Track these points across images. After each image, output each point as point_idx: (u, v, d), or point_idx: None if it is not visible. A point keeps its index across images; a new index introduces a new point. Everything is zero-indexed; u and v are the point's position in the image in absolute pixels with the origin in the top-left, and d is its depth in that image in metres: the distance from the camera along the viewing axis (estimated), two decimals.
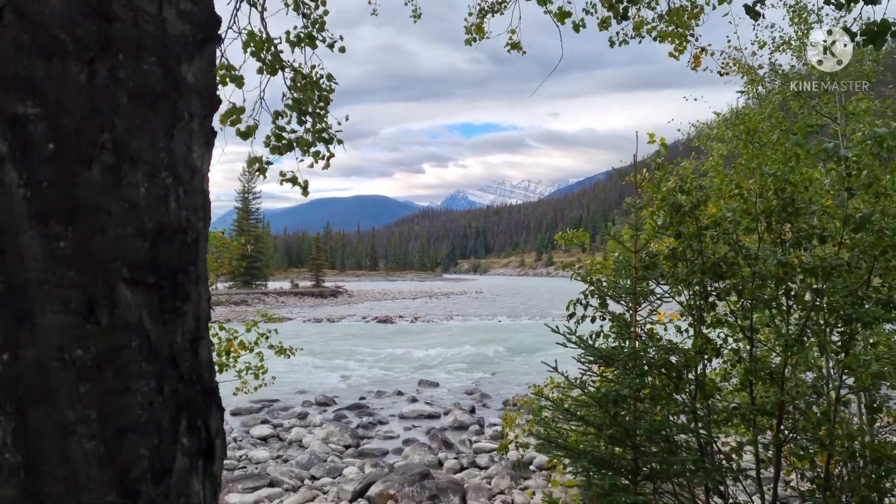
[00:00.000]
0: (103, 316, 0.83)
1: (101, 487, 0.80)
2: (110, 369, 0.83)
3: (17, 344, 0.77)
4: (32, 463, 0.76)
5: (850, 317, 4.84)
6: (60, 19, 0.86)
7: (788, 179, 4.78)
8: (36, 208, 0.80)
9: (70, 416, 0.79)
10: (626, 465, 4.88)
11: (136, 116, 0.93)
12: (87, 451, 0.80)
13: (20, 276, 0.78)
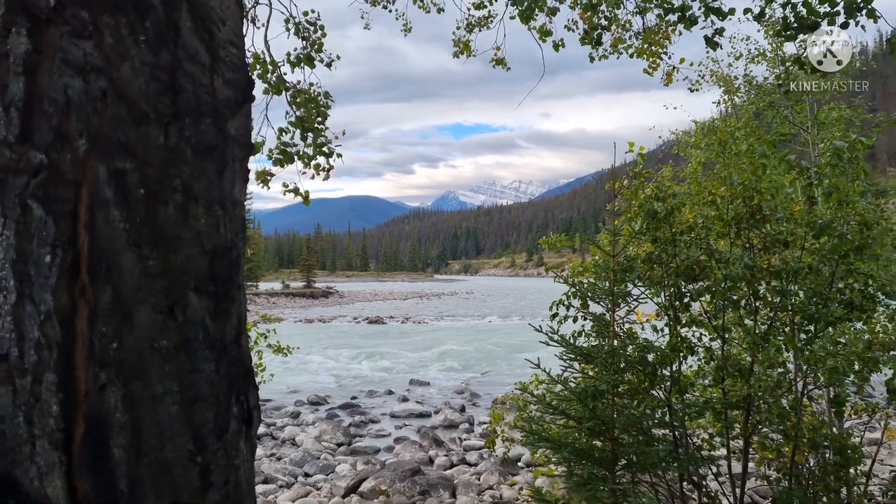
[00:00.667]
0: (179, 315, 1.14)
1: (181, 439, 1.11)
2: (184, 355, 1.14)
3: (122, 336, 1.07)
4: (135, 421, 1.06)
5: (813, 316, 5.18)
6: (145, 96, 1.16)
7: (756, 188, 5.11)
8: (132, 237, 1.10)
9: (159, 389, 1.09)
10: (605, 456, 5.19)
11: (197, 165, 1.23)
12: (171, 413, 1.10)
13: (122, 286, 1.08)
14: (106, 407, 1.04)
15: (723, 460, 5.62)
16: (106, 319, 1.06)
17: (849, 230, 5.11)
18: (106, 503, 1.02)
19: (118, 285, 1.08)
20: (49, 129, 1.08)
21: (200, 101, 1.26)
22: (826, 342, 5.81)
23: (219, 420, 1.18)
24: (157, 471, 1.07)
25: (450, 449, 14.44)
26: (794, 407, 5.48)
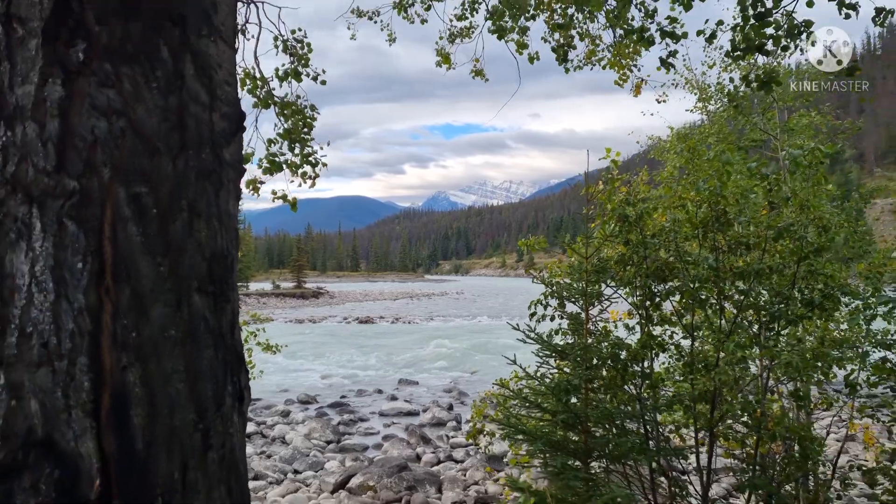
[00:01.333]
0: (185, 310, 1.40)
1: (186, 410, 1.37)
2: (189, 342, 1.40)
3: (139, 326, 1.33)
4: (150, 395, 1.32)
5: (775, 315, 5.48)
6: (157, 133, 1.43)
7: (721, 193, 5.41)
8: (147, 247, 1.37)
9: (169, 369, 1.36)
10: (578, 447, 5.47)
11: (199, 187, 1.50)
12: (178, 389, 1.36)
13: (139, 287, 1.35)
14: (127, 383, 1.30)
15: (692, 452, 5.91)
16: (126, 313, 1.32)
17: (807, 234, 5.42)
18: (127, 459, 1.28)
19: (136, 286, 1.34)
20: (80, 161, 1.35)
21: (202, 135, 1.53)
22: (790, 339, 6.13)
23: (216, 395, 1.45)
24: (168, 434, 1.34)
25: (437, 446, 14.71)
26: (759, 400, 5.78)
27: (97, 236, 1.33)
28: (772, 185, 5.28)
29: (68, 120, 1.36)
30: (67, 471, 1.26)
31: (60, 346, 1.29)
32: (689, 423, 5.78)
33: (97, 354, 1.29)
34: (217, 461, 1.44)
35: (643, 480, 5.90)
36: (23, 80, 1.40)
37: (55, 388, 1.28)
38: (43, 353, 1.29)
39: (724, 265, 5.48)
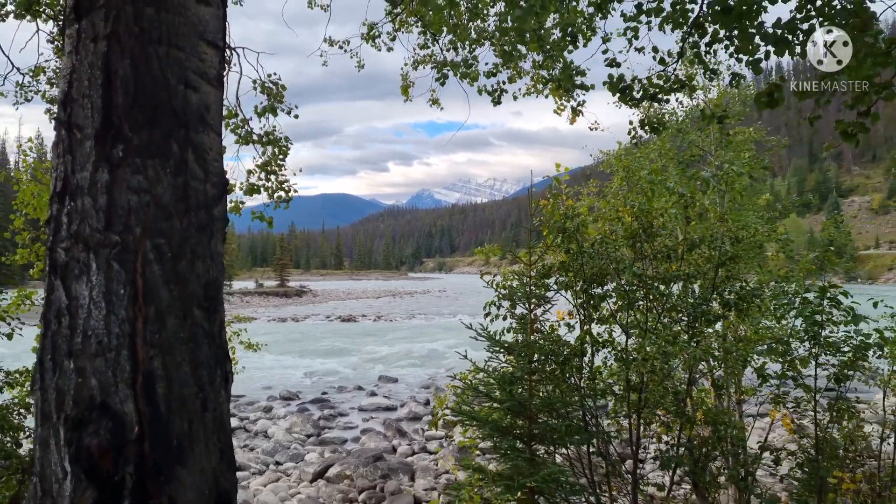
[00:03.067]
0: (189, 320, 2.14)
1: (191, 385, 2.11)
2: (192, 341, 2.14)
3: (160, 331, 2.07)
4: (168, 375, 2.06)
5: (694, 314, 6.28)
6: (171, 202, 2.16)
7: (646, 209, 6.19)
8: (164, 279, 2.10)
9: (179, 359, 2.09)
10: (523, 432, 6.23)
11: (198, 237, 2.23)
12: (186, 371, 2.10)
13: (159, 305, 2.08)
14: (153, 367, 2.03)
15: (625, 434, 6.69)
16: (152, 323, 2.06)
17: (721, 245, 6.22)
18: (154, 415, 2.01)
19: (157, 305, 2.08)
20: (120, 223, 2.08)
21: (199, 201, 2.26)
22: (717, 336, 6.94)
23: (210, 376, 2.19)
24: (179, 400, 2.07)
25: (412, 439, 15.46)
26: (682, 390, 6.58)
27: (132, 273, 2.06)
28: (687, 202, 6.08)
29: (112, 196, 2.09)
30: (116, 422, 1.99)
31: (110, 344, 2.02)
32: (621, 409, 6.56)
33: (134, 349, 2.03)
34: (211, 419, 2.18)
35: (583, 461, 6.68)
36: (81, 169, 2.13)
37: (107, 370, 2.01)
38: (98, 348, 2.02)
39: (647, 272, 6.26)
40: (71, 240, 2.10)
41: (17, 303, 5.74)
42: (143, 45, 2.22)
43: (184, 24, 2.33)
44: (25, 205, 6.49)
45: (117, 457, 1.98)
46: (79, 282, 2.07)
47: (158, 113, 2.20)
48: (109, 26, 2.20)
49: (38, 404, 2.10)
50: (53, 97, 6.86)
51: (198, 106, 2.33)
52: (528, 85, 6.64)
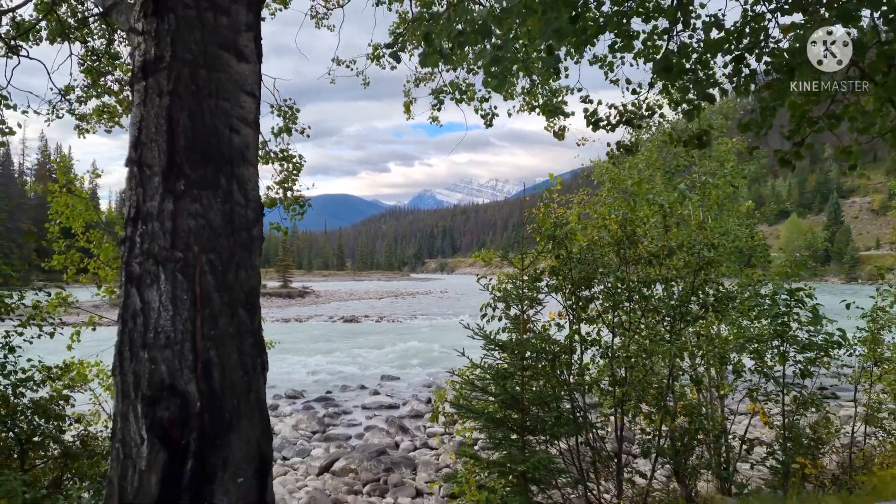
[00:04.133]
0: (236, 319, 2.69)
1: (238, 370, 2.65)
2: (238, 336, 2.69)
3: (214, 328, 2.62)
4: (221, 362, 2.61)
5: (673, 315, 6.82)
6: (220, 225, 2.71)
7: (629, 218, 6.74)
8: (216, 287, 2.66)
9: (229, 349, 2.64)
10: (516, 423, 6.78)
11: (241, 253, 2.78)
12: (234, 359, 2.65)
13: (213, 308, 2.64)
14: (210, 357, 2.58)
15: (608, 424, 7.23)
16: (208, 322, 2.61)
17: (700, 251, 6.76)
18: (211, 394, 2.56)
19: (211, 308, 2.63)
20: (182, 243, 2.63)
21: (241, 223, 2.81)
22: (693, 336, 7.48)
23: (253, 364, 2.74)
24: (230, 382, 2.62)
25: (414, 435, 15.99)
26: (665, 385, 7.12)
27: (192, 282, 2.61)
28: (666, 212, 6.62)
29: (176, 221, 2.64)
30: (182, 400, 2.54)
31: (176, 338, 2.57)
32: (607, 403, 7.10)
33: (194, 342, 2.57)
34: (254, 399, 2.73)
35: (572, 451, 7.22)
36: (150, 199, 2.68)
37: (174, 359, 2.56)
38: (167, 341, 2.57)
39: (631, 276, 6.81)
40: (143, 256, 2.65)
41: (55, 304, 6.29)
42: (198, 99, 2.77)
43: (229, 80, 2.88)
44: (59, 214, 7.06)
45: (183, 427, 2.54)
46: (150, 289, 2.62)
47: (210, 153, 2.75)
48: (171, 84, 2.75)
49: (119, 386, 2.65)
50: (83, 114, 7.40)
51: (239, 146, 2.88)
52: (521, 104, 7.18)
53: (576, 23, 3.15)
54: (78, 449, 5.52)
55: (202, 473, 2.55)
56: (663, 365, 7.16)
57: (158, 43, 2.80)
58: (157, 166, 2.69)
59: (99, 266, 7.15)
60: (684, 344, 6.74)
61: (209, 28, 2.85)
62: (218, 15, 2.89)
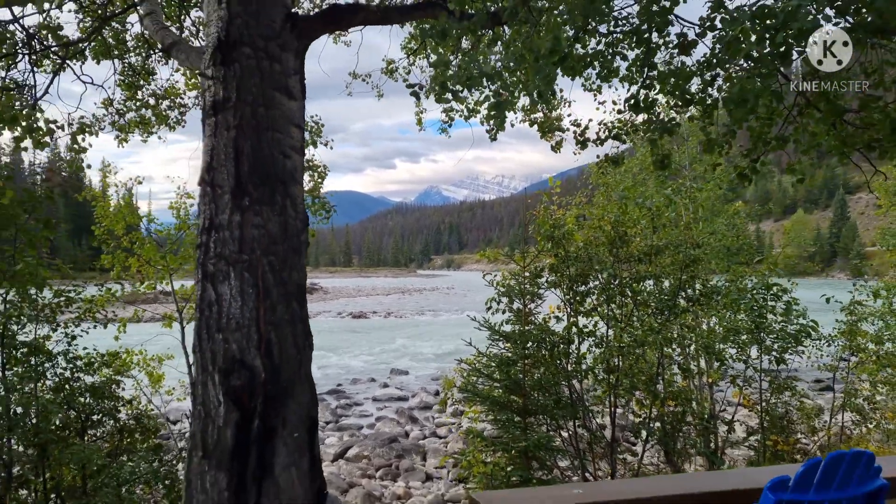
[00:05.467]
0: (290, 309, 3.38)
1: (291, 348, 3.34)
2: (292, 322, 3.38)
3: (273, 314, 3.31)
4: (280, 342, 3.30)
5: (661, 308, 7.48)
6: (277, 234, 3.41)
7: (621, 220, 7.40)
8: (275, 283, 3.35)
9: (285, 333, 3.33)
10: (518, 406, 7.46)
11: (293, 256, 3.48)
12: (288, 341, 3.34)
13: (272, 299, 3.33)
14: (270, 338, 3.27)
15: (605, 409, 7.90)
16: (269, 311, 3.30)
17: (686, 249, 7.42)
18: (272, 368, 3.25)
19: (272, 299, 3.32)
20: (248, 248, 3.32)
21: (293, 231, 3.50)
22: (682, 328, 8.14)
23: (303, 344, 3.43)
24: (287, 358, 3.31)
25: (423, 425, 16.68)
26: (656, 372, 7.79)
27: (256, 279, 3.30)
28: (654, 214, 7.29)
29: (243, 231, 3.33)
30: (250, 372, 3.22)
31: (243, 323, 3.26)
32: (601, 388, 7.77)
33: (258, 326, 3.26)
34: (304, 372, 3.42)
35: (569, 433, 7.89)
36: (221, 213, 3.36)
37: (243, 339, 3.25)
38: (237, 326, 3.26)
39: (623, 272, 7.47)
40: (216, 258, 3.34)
41: (106, 298, 6.97)
42: (258, 132, 3.46)
43: (281, 116, 3.57)
44: (105, 217, 7.75)
45: (251, 393, 3.23)
46: (222, 284, 3.31)
47: (268, 175, 3.44)
48: (236, 120, 3.44)
49: (198, 361, 3.34)
50: (122, 125, 8.09)
51: (290, 169, 3.57)
52: (523, 116, 7.82)
53: (564, 63, 3.81)
54: (132, 426, 6.23)
55: (266, 430, 3.25)
56: (654, 354, 7.82)
57: (226, 86, 3.49)
58: (227, 186, 3.38)
59: (141, 264, 7.86)
60: (667, 334, 7.40)
61: (266, 74, 3.54)
62: (273, 63, 3.58)
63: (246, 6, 3.58)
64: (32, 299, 5.69)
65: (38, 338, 5.84)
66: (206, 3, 3.72)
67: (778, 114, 4.28)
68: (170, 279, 7.92)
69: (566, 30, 3.78)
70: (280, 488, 3.25)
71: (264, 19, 3.60)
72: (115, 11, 6.53)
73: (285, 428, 3.30)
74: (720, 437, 8.52)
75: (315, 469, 3.45)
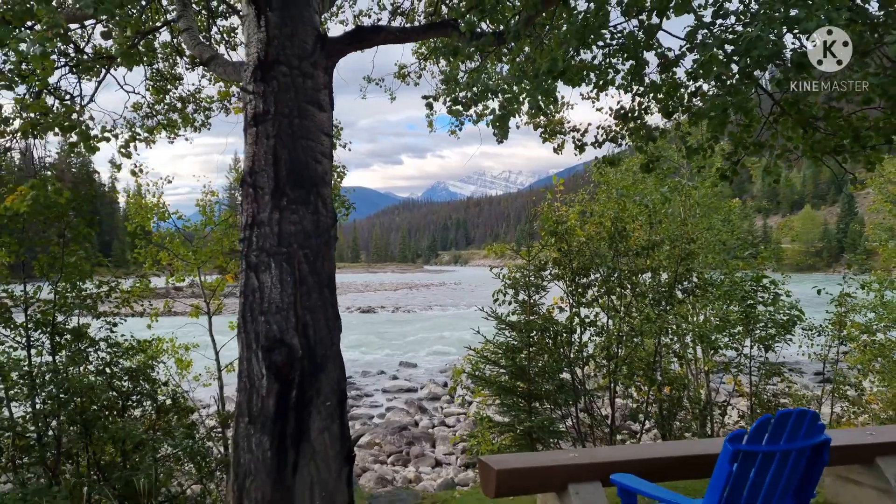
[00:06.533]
0: (322, 294, 3.89)
1: (324, 328, 3.85)
2: (324, 307, 3.89)
3: (308, 299, 3.82)
4: (315, 324, 3.81)
5: (658, 299, 7.96)
6: (310, 229, 3.91)
7: (619, 217, 7.88)
8: (310, 272, 3.86)
9: (318, 316, 3.84)
10: (523, 391, 7.95)
11: (325, 249, 3.99)
12: (322, 323, 3.85)
13: (307, 286, 3.84)
14: (307, 320, 3.78)
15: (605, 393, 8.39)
16: (304, 296, 3.81)
17: (680, 244, 7.89)
18: (308, 346, 3.75)
19: (307, 286, 3.82)
20: (286, 241, 3.83)
21: (323, 227, 4.00)
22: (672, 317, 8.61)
23: (333, 326, 3.93)
24: (320, 338, 3.82)
25: (432, 415, 17.21)
26: (654, 360, 8.27)
27: (293, 268, 3.80)
28: (651, 211, 7.76)
29: (281, 227, 3.83)
30: (289, 349, 3.73)
31: (283, 307, 3.76)
32: (601, 374, 8.26)
33: (296, 310, 3.77)
34: (334, 351, 3.92)
35: (571, 416, 8.38)
36: (262, 211, 3.87)
37: (282, 321, 3.76)
38: (277, 309, 3.76)
39: (622, 266, 7.95)
40: (259, 250, 3.84)
41: (141, 289, 7.49)
42: (293, 140, 3.96)
43: (313, 126, 4.06)
44: (136, 215, 8.28)
45: (290, 367, 3.73)
46: (264, 273, 3.81)
47: (303, 179, 3.94)
48: (275, 130, 3.94)
49: (243, 340, 3.84)
50: (150, 126, 8.59)
51: (321, 173, 4.07)
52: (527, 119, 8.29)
53: (563, 76, 4.28)
54: (168, 405, 6.76)
55: (303, 399, 3.75)
56: (652, 343, 8.30)
57: (265, 100, 3.99)
58: (268, 188, 3.88)
59: (171, 258, 8.38)
60: (664, 322, 7.87)
61: (300, 89, 4.04)
62: (305, 79, 4.07)
63: (282, 29, 4.07)
64: (80, 289, 6.22)
65: (81, 325, 6.37)
66: (246, 26, 4.22)
67: (756, 121, 4.76)
68: (198, 272, 8.45)
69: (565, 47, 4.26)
70: (315, 450, 3.76)
71: (298, 41, 4.10)
72: (155, 26, 7.03)
73: (319, 398, 3.81)
74: (715, 422, 8.99)
75: (344, 434, 3.96)
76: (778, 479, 2.97)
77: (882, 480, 4.32)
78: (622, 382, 8.11)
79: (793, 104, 4.42)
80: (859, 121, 4.27)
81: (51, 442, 6.12)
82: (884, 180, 12.27)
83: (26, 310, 6.21)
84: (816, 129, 4.54)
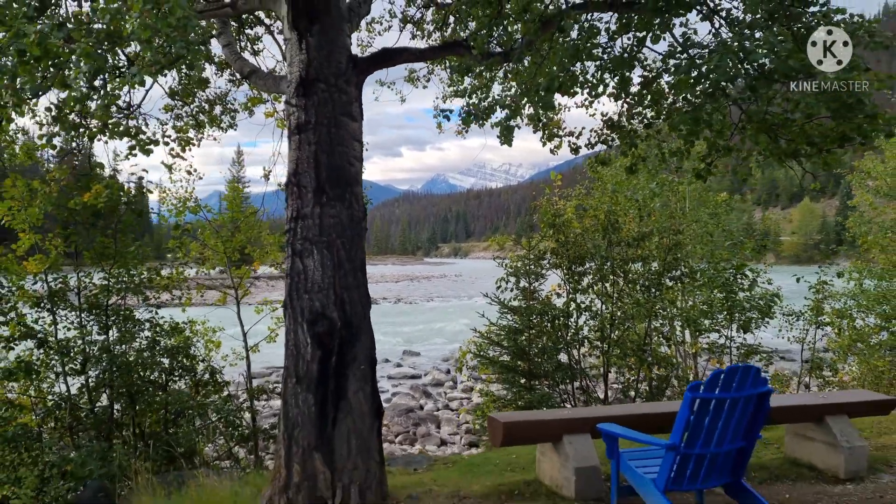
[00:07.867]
0: (356, 276, 4.63)
1: (359, 306, 4.59)
2: (358, 287, 4.64)
3: (345, 281, 4.56)
4: (351, 302, 4.55)
5: (648, 287, 8.70)
6: (346, 221, 4.66)
7: (612, 210, 8.60)
8: (347, 258, 4.60)
9: (354, 294, 4.58)
10: (524, 370, 8.70)
11: (358, 239, 4.73)
12: (357, 301, 4.59)
13: (345, 270, 4.58)
14: (344, 297, 4.52)
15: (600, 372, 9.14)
16: (342, 278, 4.55)
17: (669, 235, 8.62)
18: (346, 319, 4.49)
19: (344, 269, 4.57)
20: (327, 232, 4.58)
21: (356, 220, 4.75)
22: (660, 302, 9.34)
23: (366, 303, 4.67)
24: (355, 311, 4.56)
25: (437, 399, 17.97)
26: (645, 342, 9.01)
27: (333, 255, 4.55)
28: (640, 205, 8.50)
29: (322, 220, 4.58)
30: (330, 322, 4.47)
31: (324, 287, 4.51)
32: (595, 354, 9.01)
33: (335, 289, 4.51)
34: (366, 324, 4.66)
35: (569, 394, 9.13)
36: (305, 206, 4.61)
37: (324, 298, 4.50)
38: (319, 289, 4.51)
39: (615, 255, 8.69)
40: (303, 239, 4.57)
41: (176, 277, 8.20)
42: (331, 146, 4.68)
43: (347, 134, 4.79)
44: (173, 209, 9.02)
45: (331, 337, 4.47)
46: (307, 259, 4.55)
47: (339, 179, 4.67)
48: (315, 138, 4.67)
49: (290, 314, 4.58)
50: (179, 126, 9.28)
51: (354, 174, 4.80)
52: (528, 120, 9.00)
53: (560, 89, 5.00)
54: (206, 379, 7.52)
55: (341, 364, 4.49)
56: (643, 326, 9.04)
57: (307, 112, 4.71)
58: (310, 187, 4.61)
59: (203, 248, 9.09)
60: (653, 307, 8.61)
61: (336, 102, 4.76)
62: (340, 94, 4.80)
63: (320, 52, 4.79)
64: (132, 275, 6.96)
65: (129, 308, 7.11)
66: (289, 49, 4.94)
67: (727, 127, 5.49)
68: (228, 262, 9.18)
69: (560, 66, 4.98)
70: (352, 406, 4.50)
71: (334, 61, 4.82)
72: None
73: (354, 363, 4.55)
74: None
75: (375, 394, 4.71)
76: (729, 421, 3.71)
77: (830, 436, 5.07)
78: (615, 363, 8.85)
79: (756, 113, 5.15)
80: (811, 128, 4.99)
81: (104, 412, 6.88)
82: (864, 176, 12.97)
83: (79, 293, 6.97)
84: (778, 136, 5.27)
